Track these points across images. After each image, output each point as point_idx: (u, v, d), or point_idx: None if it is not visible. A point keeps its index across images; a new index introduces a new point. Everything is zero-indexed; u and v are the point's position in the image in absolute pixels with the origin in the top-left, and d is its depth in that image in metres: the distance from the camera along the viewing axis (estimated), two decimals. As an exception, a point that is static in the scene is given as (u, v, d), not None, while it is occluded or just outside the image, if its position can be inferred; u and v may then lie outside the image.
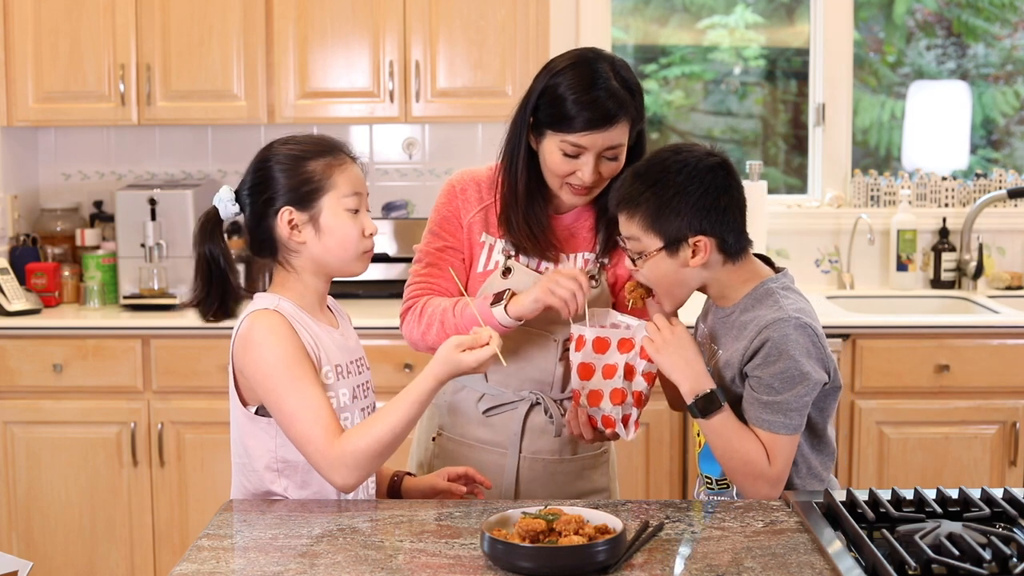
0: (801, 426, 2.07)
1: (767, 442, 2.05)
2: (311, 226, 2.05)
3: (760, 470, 2.05)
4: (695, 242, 2.07)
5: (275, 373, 1.98)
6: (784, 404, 2.04)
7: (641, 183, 2.09)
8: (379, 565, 1.77)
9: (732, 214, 2.09)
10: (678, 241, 2.07)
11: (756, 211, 4.19)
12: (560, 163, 2.24)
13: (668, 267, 2.09)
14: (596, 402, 2.17)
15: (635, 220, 2.09)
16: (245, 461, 2.10)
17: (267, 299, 2.06)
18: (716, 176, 2.08)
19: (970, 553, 1.69)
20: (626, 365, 2.14)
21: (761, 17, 4.71)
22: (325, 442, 1.96)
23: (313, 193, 2.04)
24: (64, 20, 3.93)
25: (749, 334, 2.07)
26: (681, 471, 3.76)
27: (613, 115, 2.19)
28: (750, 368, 2.07)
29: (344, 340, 2.14)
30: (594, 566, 1.72)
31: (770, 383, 2.04)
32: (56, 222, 4.23)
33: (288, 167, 2.05)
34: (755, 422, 2.06)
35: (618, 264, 2.37)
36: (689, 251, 2.07)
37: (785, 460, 2.06)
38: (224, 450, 3.72)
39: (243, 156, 4.28)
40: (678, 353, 2.08)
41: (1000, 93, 4.77)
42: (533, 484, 2.38)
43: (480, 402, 2.39)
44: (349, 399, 2.10)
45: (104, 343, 3.75)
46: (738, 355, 2.09)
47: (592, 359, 2.16)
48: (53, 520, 3.78)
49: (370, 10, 3.93)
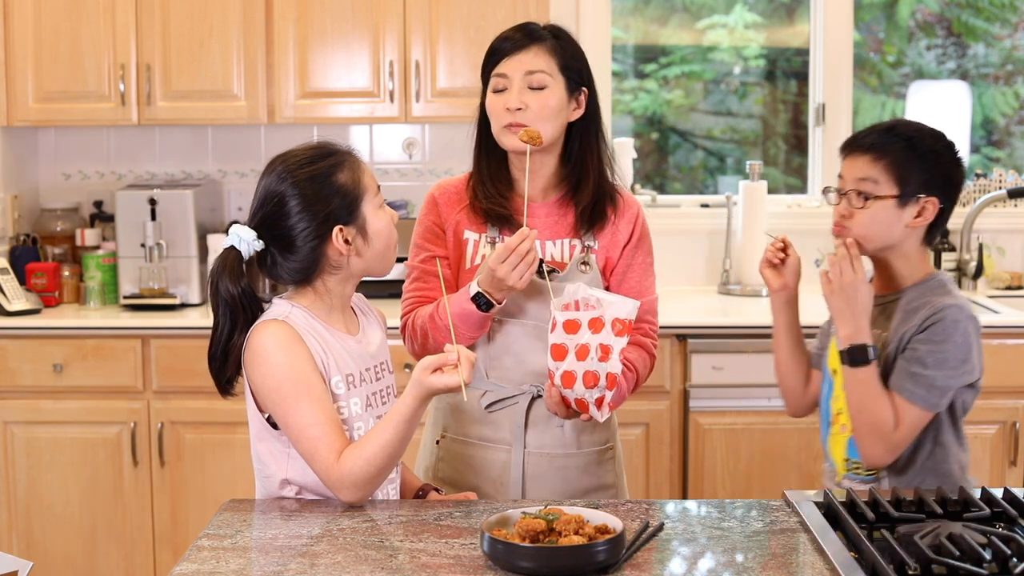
0: (937, 407, 2.14)
1: (900, 408, 2.14)
2: (360, 237, 2.04)
3: (885, 431, 2.14)
4: (925, 202, 2.19)
5: (281, 388, 1.98)
6: (930, 380, 2.12)
7: (895, 134, 2.21)
8: (379, 565, 1.77)
9: (956, 194, 2.24)
10: (912, 196, 2.18)
11: (756, 211, 4.19)
12: (494, 100, 2.33)
13: (888, 217, 2.19)
14: (570, 384, 2.18)
15: (881, 164, 2.19)
16: (259, 467, 2.10)
17: (280, 308, 2.05)
18: (956, 156, 2.25)
19: (970, 553, 1.69)
20: (601, 346, 2.15)
21: (761, 17, 4.71)
22: (330, 461, 1.96)
23: (353, 204, 2.02)
24: (64, 20, 3.93)
25: (924, 313, 2.16)
26: (681, 471, 3.76)
27: (526, 40, 2.34)
28: (914, 340, 2.15)
29: (360, 347, 2.10)
30: (594, 566, 1.72)
31: (925, 358, 2.13)
32: (56, 222, 4.23)
33: (321, 188, 2.00)
34: (896, 388, 2.15)
35: (608, 248, 2.39)
36: (916, 209, 2.19)
37: (909, 429, 2.15)
38: (224, 450, 3.76)
39: (243, 156, 4.33)
40: (848, 299, 2.16)
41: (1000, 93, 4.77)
42: (539, 480, 2.37)
43: (482, 399, 2.39)
44: (362, 408, 2.07)
45: (104, 343, 3.75)
46: (908, 332, 2.16)
47: (564, 340, 2.17)
48: (53, 520, 3.78)
49: (370, 10, 3.93)
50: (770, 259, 2.33)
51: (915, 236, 2.23)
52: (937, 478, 2.19)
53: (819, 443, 3.69)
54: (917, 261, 2.25)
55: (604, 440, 2.43)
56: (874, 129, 2.25)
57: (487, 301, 2.23)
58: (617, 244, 2.40)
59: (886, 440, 2.14)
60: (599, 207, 2.37)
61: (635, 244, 2.42)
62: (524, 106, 2.30)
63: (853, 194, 2.21)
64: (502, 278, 2.18)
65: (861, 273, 2.16)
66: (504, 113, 2.31)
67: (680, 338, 3.72)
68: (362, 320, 2.16)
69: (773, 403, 3.73)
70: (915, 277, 2.23)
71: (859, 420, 2.17)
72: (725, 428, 3.72)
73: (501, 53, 2.34)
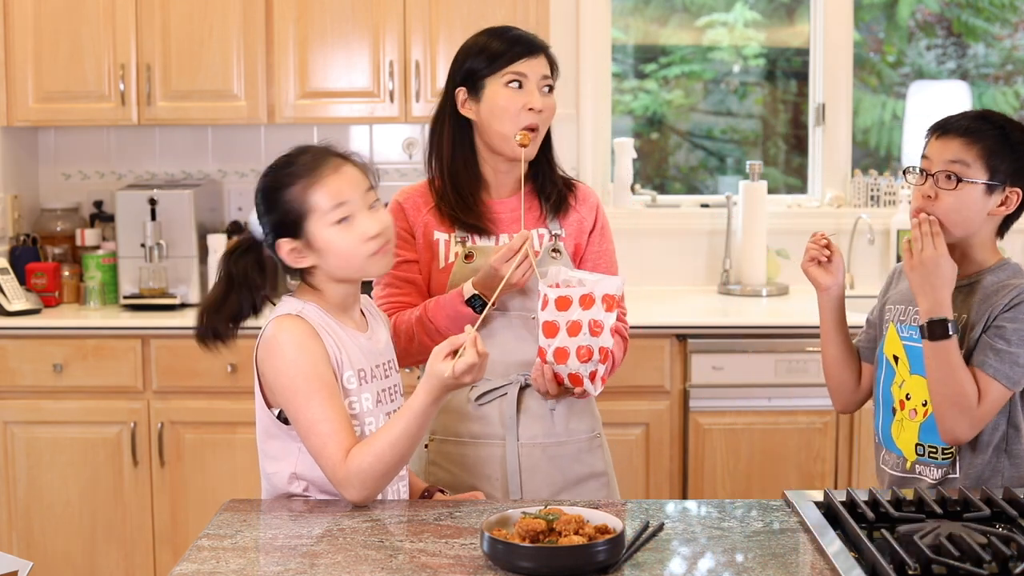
0: (1017, 385, 2.15)
1: (982, 383, 2.15)
2: (309, 250, 2.04)
3: (968, 405, 2.14)
4: (1011, 191, 2.20)
5: (295, 384, 1.99)
6: (1013, 357, 2.14)
7: (990, 122, 2.22)
8: (379, 565, 1.78)
9: None
10: (1000, 184, 2.19)
11: (756, 211, 4.19)
12: (510, 97, 2.36)
13: (973, 202, 2.19)
14: (563, 359, 2.22)
15: (975, 148, 2.18)
16: (266, 463, 2.10)
17: (293, 304, 2.06)
18: None
19: (970, 553, 1.69)
20: (592, 321, 2.20)
21: (761, 16, 4.71)
22: (337, 458, 1.97)
23: (297, 222, 2.02)
24: (64, 20, 3.93)
25: (1010, 293, 2.17)
26: (681, 471, 3.77)
27: (537, 45, 2.40)
28: (999, 319, 2.16)
29: (371, 344, 2.13)
30: (594, 566, 1.72)
31: (1010, 336, 2.15)
32: (56, 222, 4.23)
33: (270, 201, 2.04)
34: (979, 364, 2.16)
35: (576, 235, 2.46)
36: (1000, 198, 2.20)
37: (991, 405, 2.16)
38: (224, 450, 3.76)
39: (243, 156, 4.33)
40: (929, 275, 2.17)
41: (1000, 93, 4.77)
42: (534, 472, 2.40)
43: (470, 393, 2.40)
44: (372, 403, 2.09)
45: (104, 343, 3.75)
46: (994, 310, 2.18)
47: (555, 316, 2.22)
48: (53, 520, 3.78)
49: (370, 10, 3.93)
50: (816, 256, 2.32)
51: (992, 224, 2.24)
52: (1010, 459, 2.20)
53: (820, 443, 3.72)
54: (991, 249, 2.26)
55: (591, 428, 2.48)
56: (966, 115, 2.25)
57: (482, 303, 2.29)
58: (583, 231, 2.49)
59: (969, 414, 2.15)
60: (562, 194, 2.46)
61: (599, 232, 2.51)
62: (544, 108, 2.38)
63: (942, 175, 2.20)
64: (504, 276, 2.23)
65: (943, 248, 2.17)
66: (525, 113, 2.36)
67: (680, 338, 3.72)
68: (370, 320, 2.19)
69: (773, 403, 3.74)
70: (989, 263, 2.25)
71: (941, 395, 2.16)
72: (725, 428, 3.73)
73: (519, 53, 2.37)
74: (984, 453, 2.20)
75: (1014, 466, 2.19)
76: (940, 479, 2.22)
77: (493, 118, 2.37)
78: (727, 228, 4.29)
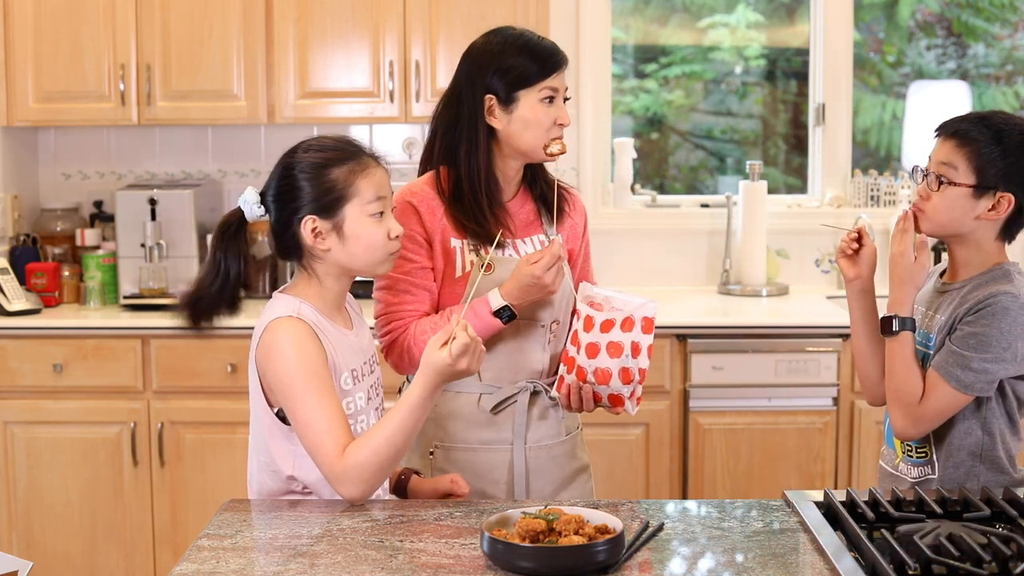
0: (970, 389, 2.14)
1: (930, 382, 2.16)
2: (335, 234, 2.06)
3: (909, 401, 2.17)
4: (1001, 196, 2.16)
5: (293, 382, 2.00)
6: (967, 361, 2.13)
7: (986, 124, 2.19)
8: (379, 565, 1.78)
9: None
10: (989, 188, 2.16)
11: (756, 211, 4.19)
12: (545, 113, 2.35)
13: (960, 205, 2.18)
14: (605, 380, 2.27)
15: (964, 151, 2.17)
16: (267, 460, 2.10)
17: (288, 303, 2.07)
18: None
19: (970, 553, 1.69)
20: (633, 344, 2.25)
21: (762, 16, 4.71)
22: (334, 455, 1.98)
23: (336, 202, 2.05)
24: (64, 20, 3.93)
25: (977, 299, 2.16)
26: (681, 471, 3.76)
27: (564, 56, 2.40)
28: (962, 322, 2.16)
29: (358, 341, 2.16)
30: (594, 566, 1.72)
31: (967, 339, 2.14)
32: (56, 222, 4.23)
33: (311, 176, 2.06)
34: (934, 364, 2.17)
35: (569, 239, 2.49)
36: (990, 203, 2.17)
37: (936, 403, 2.16)
38: (224, 450, 3.76)
39: (243, 156, 4.33)
40: (893, 270, 2.20)
41: (1000, 93, 4.77)
42: (539, 473, 2.43)
43: (480, 403, 2.40)
44: (364, 401, 2.13)
45: (104, 343, 3.75)
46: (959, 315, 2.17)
47: (598, 339, 2.26)
48: (53, 520, 3.78)
49: (370, 10, 3.93)
50: (844, 249, 2.32)
51: (989, 229, 2.21)
52: (986, 465, 2.20)
53: (820, 443, 3.72)
54: (989, 253, 2.23)
55: (576, 424, 2.53)
56: (966, 117, 2.24)
57: (510, 313, 2.31)
58: (577, 235, 2.53)
59: (910, 410, 2.17)
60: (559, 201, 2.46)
61: (584, 232, 2.56)
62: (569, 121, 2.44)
63: (932, 177, 2.21)
64: (547, 284, 2.28)
65: (905, 246, 2.18)
66: (555, 128, 2.38)
67: (680, 338, 3.72)
68: (354, 317, 2.21)
69: (773, 403, 3.74)
70: (983, 268, 2.23)
71: (889, 388, 2.21)
72: (725, 428, 3.73)
73: (554, 66, 2.37)
74: (957, 457, 2.20)
75: (991, 471, 2.19)
76: (918, 478, 2.23)
77: (526, 130, 2.35)
78: (727, 228, 4.29)
